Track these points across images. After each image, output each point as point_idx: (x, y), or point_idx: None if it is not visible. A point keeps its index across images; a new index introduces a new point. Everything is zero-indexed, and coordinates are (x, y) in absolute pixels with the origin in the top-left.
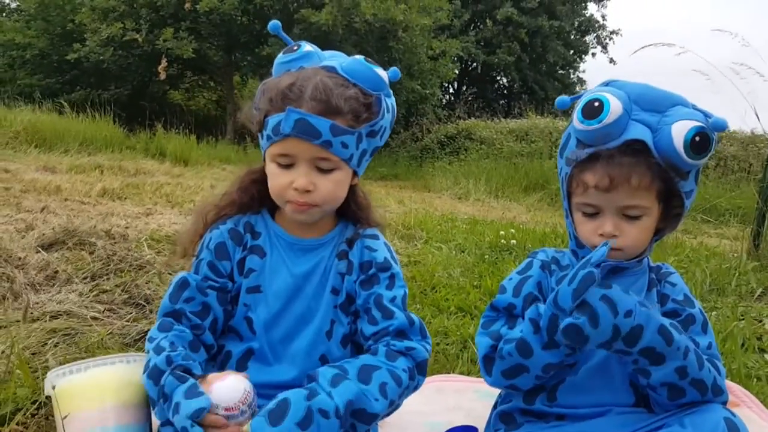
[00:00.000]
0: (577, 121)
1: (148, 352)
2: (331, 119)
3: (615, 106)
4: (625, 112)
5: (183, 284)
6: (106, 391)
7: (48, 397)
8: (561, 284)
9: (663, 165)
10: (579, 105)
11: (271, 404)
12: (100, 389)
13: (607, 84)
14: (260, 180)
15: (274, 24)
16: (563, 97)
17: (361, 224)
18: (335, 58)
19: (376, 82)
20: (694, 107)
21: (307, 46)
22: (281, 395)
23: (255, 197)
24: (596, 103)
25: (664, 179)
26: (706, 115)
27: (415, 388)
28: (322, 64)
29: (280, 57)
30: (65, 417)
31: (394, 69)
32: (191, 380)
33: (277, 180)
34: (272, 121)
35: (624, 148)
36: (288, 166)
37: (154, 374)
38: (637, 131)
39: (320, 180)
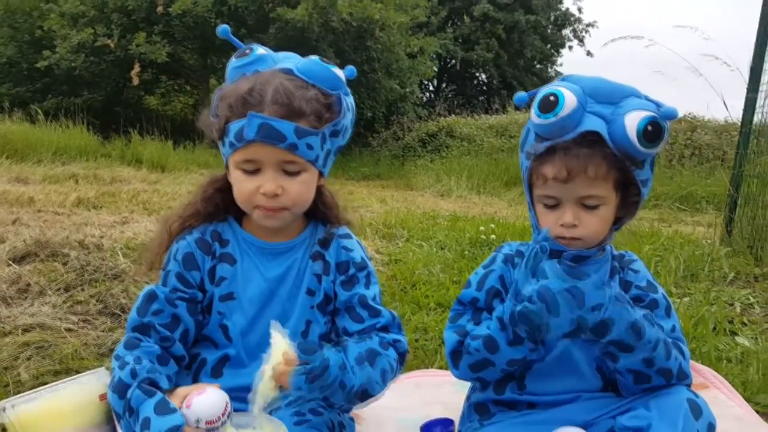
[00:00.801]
0: (535, 115)
1: (113, 369)
2: (294, 122)
3: (570, 100)
4: (580, 105)
5: (151, 297)
6: (64, 417)
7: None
8: (518, 273)
9: (618, 155)
10: (536, 100)
11: (315, 363)
12: (57, 416)
13: (563, 80)
14: (224, 188)
15: (223, 29)
16: (521, 93)
17: (332, 224)
18: (289, 60)
19: (334, 81)
20: (647, 98)
21: (260, 49)
22: (324, 355)
23: (219, 206)
24: (552, 97)
25: (620, 168)
26: (658, 105)
27: (395, 378)
28: (277, 67)
29: (234, 62)
30: None
31: (350, 67)
32: (159, 394)
33: (244, 186)
34: (234, 127)
35: (579, 139)
36: (253, 172)
37: (118, 388)
38: (592, 123)
39: (288, 183)
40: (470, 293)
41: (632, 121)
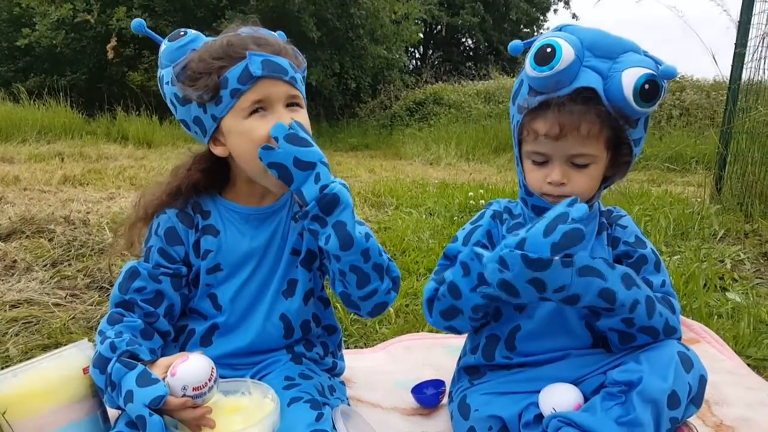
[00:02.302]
0: (529, 67)
1: (96, 344)
2: (285, 58)
3: (567, 53)
4: (577, 59)
5: (133, 273)
6: (47, 392)
7: None
8: (532, 231)
9: (612, 113)
10: (531, 51)
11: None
12: (41, 392)
13: (560, 29)
14: (209, 168)
15: (137, 23)
16: (516, 42)
17: None
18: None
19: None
20: (646, 54)
21: (193, 31)
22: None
23: (200, 187)
24: (548, 49)
25: (613, 127)
26: (657, 62)
27: (387, 300)
28: (225, 33)
29: (170, 45)
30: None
31: (280, 32)
32: (140, 366)
33: (259, 131)
34: (234, 72)
35: (574, 95)
36: (263, 116)
37: (99, 363)
38: (588, 78)
39: (297, 117)
40: (456, 247)
41: (629, 78)
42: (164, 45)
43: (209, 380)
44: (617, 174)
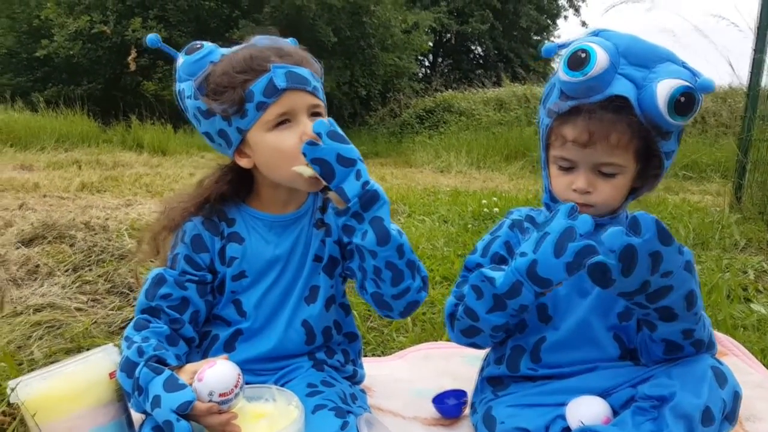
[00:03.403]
0: (562, 71)
1: (122, 350)
2: (307, 68)
3: (602, 59)
4: (612, 66)
5: (159, 280)
6: (75, 396)
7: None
8: (541, 252)
9: (644, 123)
10: (565, 54)
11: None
12: (68, 396)
13: (596, 33)
14: (235, 179)
15: (152, 38)
16: (550, 44)
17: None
18: (238, 46)
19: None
20: (684, 65)
21: (209, 43)
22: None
23: (227, 196)
24: (582, 54)
25: (644, 138)
26: (695, 74)
27: (417, 299)
28: (242, 46)
29: (188, 58)
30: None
31: (292, 39)
32: (167, 371)
33: (286, 143)
34: (259, 85)
35: (606, 103)
36: (287, 128)
37: (126, 367)
38: (622, 87)
39: None
40: (474, 259)
41: (664, 89)
42: (181, 58)
43: (235, 386)
44: (645, 186)
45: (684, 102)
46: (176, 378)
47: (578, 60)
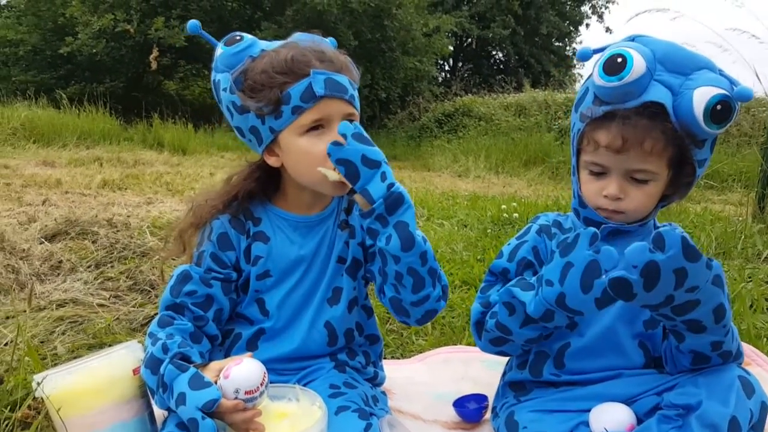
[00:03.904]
0: (597, 76)
1: (146, 346)
2: (345, 75)
3: (638, 64)
4: (648, 71)
5: (185, 277)
6: (99, 391)
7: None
8: (568, 284)
9: (679, 131)
10: (601, 59)
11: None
12: (92, 391)
13: (633, 39)
14: (263, 176)
15: (193, 24)
16: (585, 48)
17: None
18: (279, 42)
19: (334, 45)
20: (721, 73)
21: (249, 36)
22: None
23: (254, 194)
24: (619, 59)
25: (678, 146)
26: (732, 82)
27: (436, 307)
28: (284, 43)
29: (227, 49)
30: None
31: (332, 38)
32: (192, 369)
33: (317, 149)
34: (297, 89)
35: (642, 109)
36: (319, 134)
37: (151, 364)
38: (658, 93)
39: None
40: (501, 264)
41: (701, 97)
42: (220, 49)
43: (261, 384)
44: (677, 194)
45: (721, 110)
46: (201, 376)
47: (615, 65)
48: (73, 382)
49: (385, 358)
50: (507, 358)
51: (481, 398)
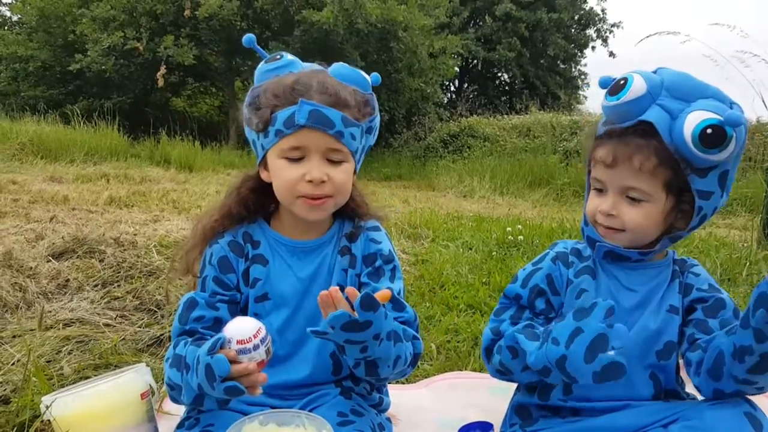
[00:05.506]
0: (603, 96)
1: (164, 370)
2: (341, 111)
3: (637, 86)
4: (648, 94)
5: (191, 304)
6: (106, 416)
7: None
8: (572, 351)
9: (674, 153)
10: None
11: (362, 296)
12: (100, 416)
13: (654, 71)
14: (257, 188)
15: (248, 38)
16: (606, 77)
17: (360, 218)
18: (317, 65)
19: (364, 83)
20: (732, 103)
21: (289, 56)
22: (371, 290)
23: (251, 208)
24: (622, 81)
25: (674, 169)
26: (733, 109)
27: (403, 374)
28: (311, 68)
29: (265, 66)
30: None
31: (375, 74)
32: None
33: (288, 174)
34: (282, 115)
35: (635, 128)
36: (298, 160)
37: (173, 362)
38: (653, 114)
39: (332, 171)
40: (514, 289)
41: (692, 120)
42: (261, 65)
43: (254, 337)
44: (679, 224)
45: (710, 134)
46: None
47: (617, 86)
48: (82, 406)
49: (389, 383)
50: (514, 386)
51: (486, 426)
